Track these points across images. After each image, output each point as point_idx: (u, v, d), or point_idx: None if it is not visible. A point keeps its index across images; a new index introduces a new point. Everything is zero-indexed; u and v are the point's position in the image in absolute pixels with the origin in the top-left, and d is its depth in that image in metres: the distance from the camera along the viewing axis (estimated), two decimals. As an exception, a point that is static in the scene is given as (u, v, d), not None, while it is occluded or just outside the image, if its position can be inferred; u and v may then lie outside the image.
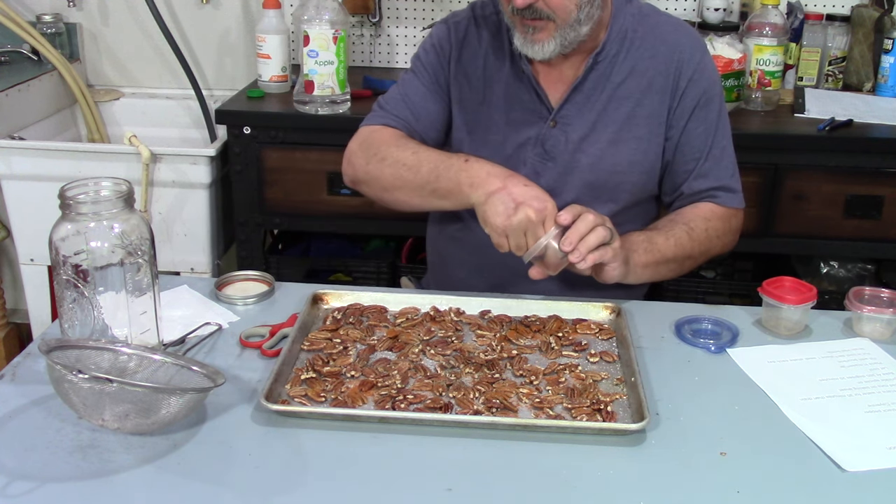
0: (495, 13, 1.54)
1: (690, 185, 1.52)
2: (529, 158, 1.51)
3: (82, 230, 1.11)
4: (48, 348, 1.04)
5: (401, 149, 1.48)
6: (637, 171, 1.50)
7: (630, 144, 1.49)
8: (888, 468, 1.04)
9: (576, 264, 1.27)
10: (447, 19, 1.59)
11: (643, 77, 1.48)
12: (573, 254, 1.26)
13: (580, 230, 1.26)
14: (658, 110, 1.49)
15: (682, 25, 1.55)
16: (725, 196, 1.53)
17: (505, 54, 1.52)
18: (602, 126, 1.49)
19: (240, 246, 2.29)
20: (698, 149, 1.51)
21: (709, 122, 1.51)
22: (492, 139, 1.52)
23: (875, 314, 1.32)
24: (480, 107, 1.53)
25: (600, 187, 1.50)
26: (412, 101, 1.55)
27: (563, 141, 1.49)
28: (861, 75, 2.43)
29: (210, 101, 2.43)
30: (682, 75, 1.48)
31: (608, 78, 1.48)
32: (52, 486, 0.97)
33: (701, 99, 1.49)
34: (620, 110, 1.48)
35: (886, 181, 2.10)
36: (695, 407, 1.14)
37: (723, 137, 1.53)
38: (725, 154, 1.53)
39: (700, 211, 1.52)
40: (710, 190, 1.52)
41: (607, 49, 1.47)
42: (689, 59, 1.49)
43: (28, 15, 2.62)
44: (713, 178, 1.52)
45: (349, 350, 1.25)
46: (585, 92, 1.48)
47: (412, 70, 1.59)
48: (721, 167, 1.52)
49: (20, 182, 2.23)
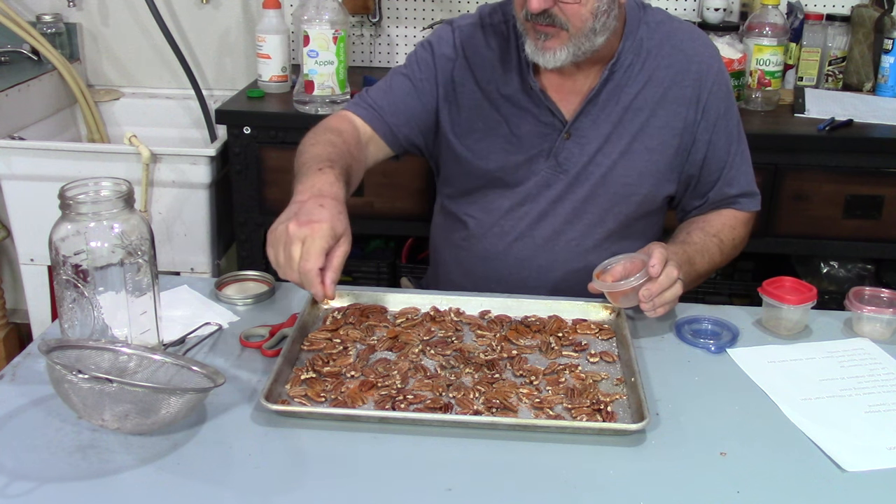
0: (503, 22, 1.52)
1: (718, 193, 1.53)
2: (542, 170, 1.50)
3: (82, 230, 1.11)
4: (48, 348, 1.04)
5: (314, 140, 1.41)
6: (647, 182, 1.50)
7: (642, 156, 1.48)
8: (888, 468, 1.04)
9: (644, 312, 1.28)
10: (452, 21, 1.56)
11: (659, 87, 1.47)
12: (646, 305, 1.26)
13: (662, 285, 1.26)
14: (673, 121, 1.48)
15: (696, 32, 1.54)
16: (747, 202, 1.55)
17: (514, 66, 1.50)
18: (616, 138, 1.48)
19: (240, 246, 2.29)
20: (722, 159, 1.52)
21: (730, 131, 1.52)
22: (500, 149, 1.51)
23: (875, 314, 1.32)
24: (489, 114, 1.51)
25: (610, 198, 1.50)
26: (394, 93, 1.53)
27: (578, 153, 1.48)
28: (861, 75, 2.43)
29: (210, 101, 2.43)
30: (703, 87, 1.48)
31: (623, 89, 1.47)
32: (52, 486, 0.97)
33: (722, 110, 1.50)
34: (635, 121, 1.47)
35: (886, 181, 2.10)
36: (695, 407, 1.14)
37: (742, 143, 1.54)
38: (745, 159, 1.55)
39: (725, 219, 1.53)
40: (735, 197, 1.54)
41: (622, 59, 1.46)
42: (707, 70, 1.48)
43: (28, 15, 2.62)
44: (737, 185, 1.53)
45: (349, 350, 1.24)
46: (600, 104, 1.47)
47: (405, 65, 1.57)
48: (742, 173, 1.54)
49: (20, 182, 2.23)
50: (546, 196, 1.51)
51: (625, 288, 1.27)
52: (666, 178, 1.51)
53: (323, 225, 1.15)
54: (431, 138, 1.57)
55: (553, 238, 1.53)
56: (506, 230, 1.54)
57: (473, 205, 1.56)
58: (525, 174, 1.50)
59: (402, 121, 1.53)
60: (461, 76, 1.53)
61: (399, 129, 1.53)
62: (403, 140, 1.54)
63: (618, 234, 1.53)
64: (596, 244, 1.53)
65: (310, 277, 1.13)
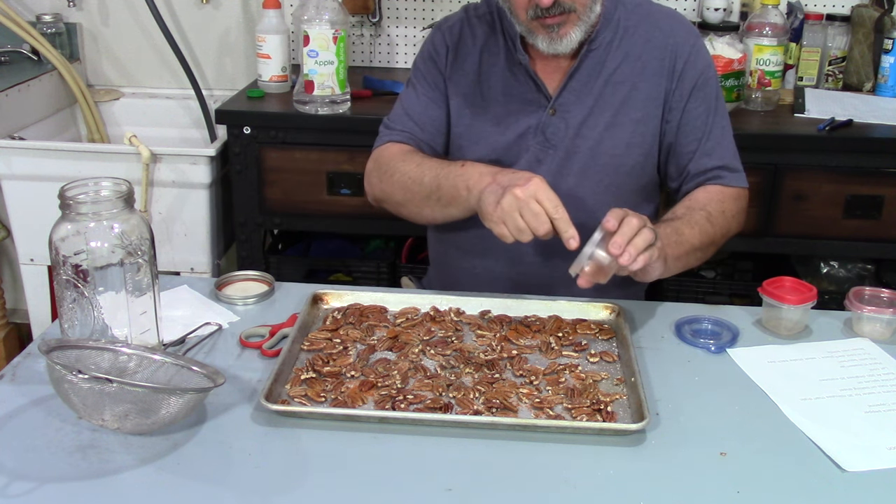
0: (489, 13, 1.56)
1: (697, 164, 1.53)
2: (531, 146, 1.52)
3: (82, 230, 1.11)
4: (48, 348, 1.04)
5: (406, 162, 1.51)
6: (635, 153, 1.52)
7: (627, 127, 1.50)
8: (888, 468, 1.04)
9: (626, 266, 1.23)
10: (440, 24, 1.61)
11: (638, 61, 1.50)
12: (623, 256, 1.22)
13: (626, 233, 1.24)
14: (654, 92, 1.51)
15: (674, 14, 1.57)
16: (730, 176, 1.54)
17: (500, 49, 1.54)
18: (599, 110, 1.50)
19: (240, 246, 2.29)
20: (699, 128, 1.52)
21: (708, 102, 1.53)
22: (491, 130, 1.54)
23: (875, 314, 1.32)
24: (478, 101, 1.55)
25: (600, 170, 1.51)
26: (414, 112, 1.57)
27: (563, 127, 1.51)
28: (861, 75, 2.43)
29: (210, 101, 2.43)
30: (679, 58, 1.51)
31: (603, 64, 1.50)
32: (52, 486, 0.97)
33: (699, 80, 1.51)
34: (616, 94, 1.50)
35: (886, 181, 2.10)
36: (695, 407, 1.14)
37: (722, 118, 1.55)
38: (726, 134, 1.55)
39: (711, 194, 1.52)
40: (716, 169, 1.53)
41: (601, 37, 1.50)
42: (683, 43, 1.51)
43: (28, 15, 2.62)
44: (717, 156, 1.53)
45: (349, 350, 1.25)
46: (582, 79, 1.50)
47: (410, 82, 1.61)
48: (723, 146, 1.54)
49: (20, 182, 2.23)
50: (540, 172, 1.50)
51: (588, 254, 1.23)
52: (654, 149, 1.54)
53: (536, 178, 1.28)
54: None
55: None
56: None
57: None
58: (516, 153, 1.53)
59: (431, 135, 1.58)
60: (451, 72, 1.56)
61: (434, 142, 1.58)
62: (440, 150, 1.59)
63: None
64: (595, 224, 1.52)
65: (565, 219, 1.27)
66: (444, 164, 1.46)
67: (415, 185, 1.47)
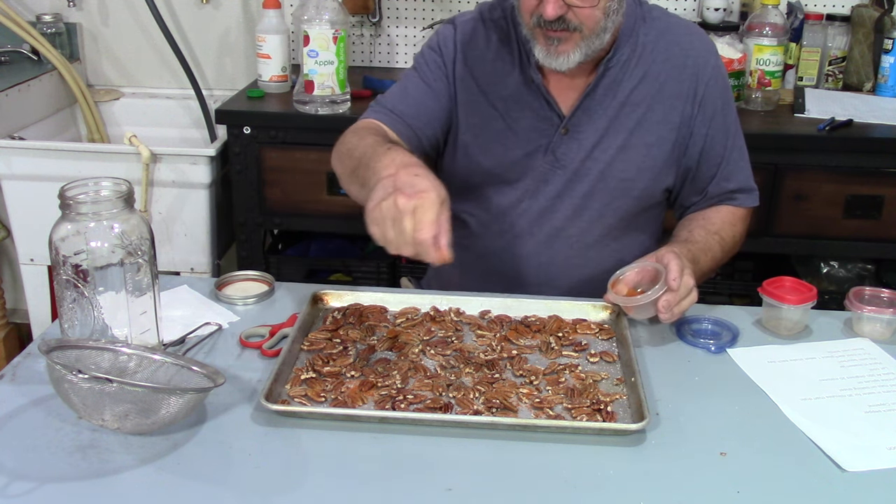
0: (503, 17, 1.52)
1: (716, 187, 1.53)
2: (539, 166, 1.50)
3: (82, 230, 1.11)
4: (48, 348, 1.03)
5: (357, 135, 1.41)
6: (646, 177, 1.50)
7: (640, 150, 1.49)
8: (888, 468, 1.04)
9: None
10: (453, 19, 1.57)
11: (655, 81, 1.48)
12: (665, 315, 1.26)
13: (681, 296, 1.26)
14: (669, 115, 1.48)
15: (693, 28, 1.54)
16: (744, 197, 1.55)
17: (514, 61, 1.50)
18: (613, 133, 1.48)
19: (240, 246, 2.30)
20: (720, 154, 1.52)
21: (728, 126, 1.52)
22: (497, 144, 1.51)
23: (875, 314, 1.32)
24: (486, 110, 1.52)
25: (608, 193, 1.50)
26: (411, 95, 1.53)
27: (576, 148, 1.49)
28: (861, 75, 2.43)
29: (210, 101, 2.43)
30: (700, 81, 1.48)
31: (620, 84, 1.47)
32: (52, 486, 0.97)
33: (720, 105, 1.50)
34: (632, 116, 1.48)
35: (886, 181, 2.10)
36: (695, 407, 1.14)
37: (739, 138, 1.55)
38: (743, 155, 1.55)
39: (724, 216, 1.53)
40: (733, 192, 1.54)
41: (619, 55, 1.46)
42: (704, 65, 1.48)
43: (28, 15, 2.62)
44: (735, 180, 1.53)
45: (349, 350, 1.24)
46: (597, 99, 1.47)
47: (414, 67, 1.57)
48: (740, 168, 1.54)
49: (20, 182, 2.23)
50: (545, 192, 1.51)
51: (643, 302, 1.27)
52: (664, 173, 1.52)
53: (430, 194, 1.11)
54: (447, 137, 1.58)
55: (554, 235, 1.53)
56: (505, 228, 1.54)
57: (472, 202, 1.56)
58: (523, 170, 1.51)
59: (423, 123, 1.52)
60: (460, 73, 1.53)
61: (422, 132, 1.52)
62: (426, 142, 1.53)
63: (618, 230, 1.53)
64: (596, 240, 1.53)
65: (426, 247, 1.11)
66: (379, 145, 1.31)
67: (346, 159, 1.39)
